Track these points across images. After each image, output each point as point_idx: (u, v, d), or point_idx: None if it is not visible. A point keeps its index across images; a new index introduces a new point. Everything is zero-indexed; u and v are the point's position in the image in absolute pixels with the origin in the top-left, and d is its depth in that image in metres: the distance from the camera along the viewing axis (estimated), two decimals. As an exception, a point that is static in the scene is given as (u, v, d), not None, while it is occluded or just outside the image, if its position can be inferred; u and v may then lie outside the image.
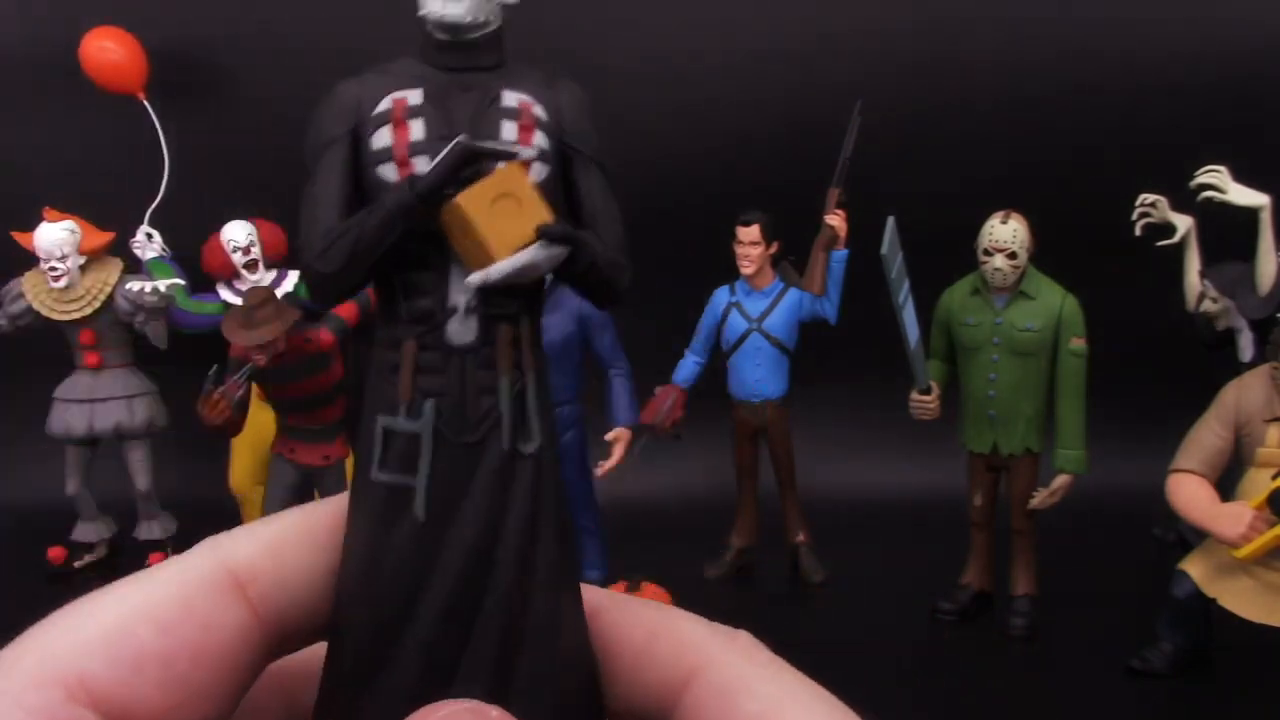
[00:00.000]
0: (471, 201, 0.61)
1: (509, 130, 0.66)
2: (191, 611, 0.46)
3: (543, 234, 0.63)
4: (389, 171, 0.64)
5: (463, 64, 0.68)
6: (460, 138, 0.63)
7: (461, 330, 0.62)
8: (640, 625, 0.54)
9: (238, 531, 0.51)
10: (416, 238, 0.62)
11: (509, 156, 0.64)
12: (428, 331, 0.62)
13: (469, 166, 0.62)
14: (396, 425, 0.59)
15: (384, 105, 0.65)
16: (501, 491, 0.59)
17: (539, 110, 0.67)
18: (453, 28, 0.67)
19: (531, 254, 0.62)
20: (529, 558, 0.57)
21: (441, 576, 0.56)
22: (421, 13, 0.68)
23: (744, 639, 0.51)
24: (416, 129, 0.64)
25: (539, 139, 0.67)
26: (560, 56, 4.80)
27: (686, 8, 4.97)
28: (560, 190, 0.68)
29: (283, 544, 0.52)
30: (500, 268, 0.61)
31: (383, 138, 0.64)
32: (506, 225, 0.61)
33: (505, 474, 0.59)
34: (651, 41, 4.97)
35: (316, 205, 0.64)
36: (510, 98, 0.67)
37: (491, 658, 0.55)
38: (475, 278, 0.62)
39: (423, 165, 0.63)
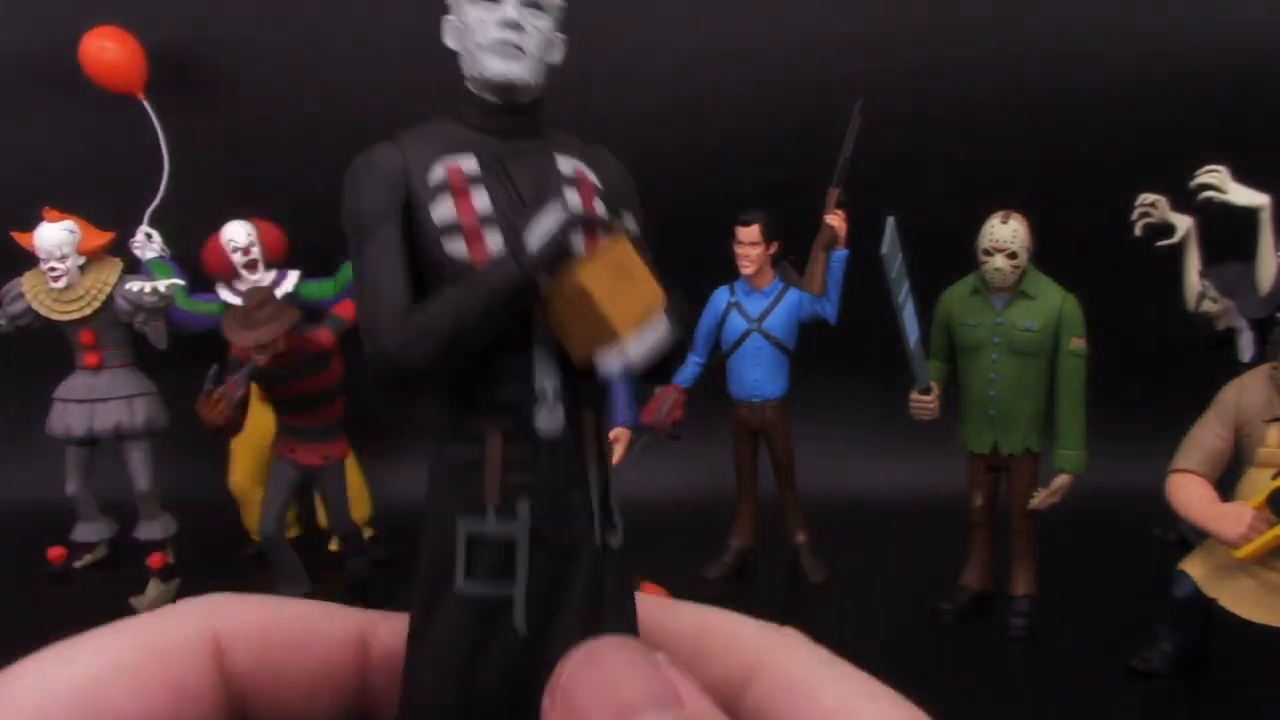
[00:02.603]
0: (592, 277, 0.55)
1: (572, 199, 0.61)
2: (167, 673, 0.43)
3: (671, 312, 0.60)
4: (457, 247, 0.58)
5: (512, 128, 0.64)
6: (561, 206, 0.58)
7: (550, 418, 0.56)
8: (688, 624, 0.52)
9: (235, 599, 0.48)
10: None
11: (613, 227, 0.60)
12: (514, 422, 0.56)
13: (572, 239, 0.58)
14: (486, 530, 0.53)
15: (438, 174, 0.59)
16: (597, 594, 0.54)
17: (593, 178, 0.64)
18: (511, 89, 0.64)
19: (663, 331, 0.58)
20: None
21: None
22: (474, 73, 0.65)
23: (793, 634, 0.50)
24: (480, 200, 0.59)
25: (599, 207, 0.63)
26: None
27: (686, 6, 4.97)
28: None
29: (277, 628, 0.48)
30: (640, 348, 0.57)
31: (445, 210, 0.59)
32: (627, 302, 0.56)
33: (599, 574, 0.55)
34: (651, 40, 4.97)
35: (380, 287, 0.58)
36: (565, 164, 0.63)
37: None
38: (614, 361, 0.56)
39: (494, 239, 0.58)
